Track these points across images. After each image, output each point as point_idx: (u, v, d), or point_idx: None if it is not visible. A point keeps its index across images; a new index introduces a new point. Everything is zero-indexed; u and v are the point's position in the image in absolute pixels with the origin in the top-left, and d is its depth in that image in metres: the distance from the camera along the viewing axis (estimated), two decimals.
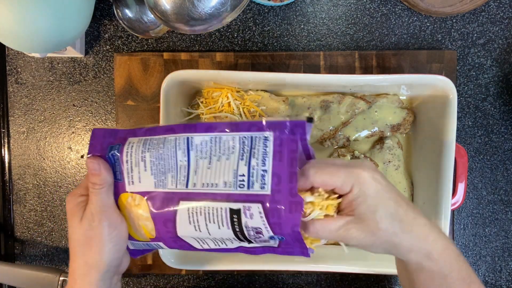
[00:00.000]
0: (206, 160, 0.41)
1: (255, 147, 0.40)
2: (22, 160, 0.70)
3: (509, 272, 0.69)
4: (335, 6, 0.67)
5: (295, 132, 0.40)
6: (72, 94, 0.69)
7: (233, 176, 0.40)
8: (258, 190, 0.39)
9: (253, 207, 0.39)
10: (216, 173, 0.41)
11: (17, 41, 0.53)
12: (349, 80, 0.56)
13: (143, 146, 0.43)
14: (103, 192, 0.43)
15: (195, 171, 0.41)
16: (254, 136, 0.41)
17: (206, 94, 0.61)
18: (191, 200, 0.41)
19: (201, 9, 0.46)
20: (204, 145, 0.42)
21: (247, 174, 0.39)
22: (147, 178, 0.42)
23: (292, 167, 0.39)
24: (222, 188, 0.40)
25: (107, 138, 0.44)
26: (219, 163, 0.41)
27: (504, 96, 0.68)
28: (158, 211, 0.42)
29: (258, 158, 0.40)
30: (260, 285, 0.70)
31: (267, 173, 0.39)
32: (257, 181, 0.39)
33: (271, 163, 0.39)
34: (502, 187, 0.69)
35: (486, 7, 0.67)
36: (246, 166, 0.40)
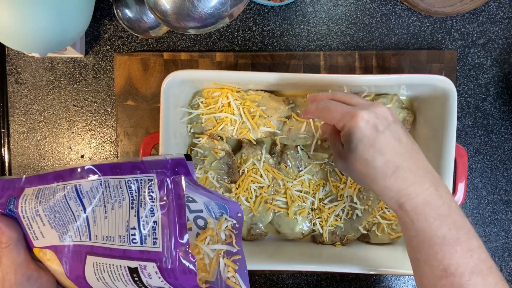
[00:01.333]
0: (102, 208, 0.38)
1: (141, 193, 0.36)
2: (22, 160, 0.70)
3: (509, 272, 0.69)
4: (335, 6, 0.67)
5: (179, 172, 0.36)
6: (72, 94, 0.69)
7: (126, 230, 0.36)
8: (150, 246, 0.35)
9: (148, 266, 0.35)
10: (112, 224, 0.37)
11: (17, 41, 0.53)
12: (349, 80, 0.56)
13: (36, 199, 0.39)
14: (10, 250, 0.39)
15: (94, 221, 0.38)
16: (139, 179, 0.37)
17: (206, 94, 0.61)
18: (95, 254, 0.37)
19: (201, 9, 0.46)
20: (96, 191, 0.38)
21: (138, 227, 0.36)
22: (49, 232, 0.39)
23: (181, 218, 0.35)
24: (118, 243, 0.36)
25: (6, 190, 0.40)
26: (113, 211, 0.37)
27: (504, 96, 0.68)
28: (69, 266, 0.39)
29: (145, 208, 0.36)
30: (260, 285, 0.70)
31: (157, 225, 0.35)
32: (149, 235, 0.35)
33: (160, 213, 0.35)
34: (502, 187, 0.69)
35: (486, 7, 0.67)
36: (136, 217, 0.36)
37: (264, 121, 0.60)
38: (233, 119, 0.60)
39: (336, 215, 0.61)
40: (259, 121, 0.60)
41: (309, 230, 0.62)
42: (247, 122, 0.60)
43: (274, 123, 0.60)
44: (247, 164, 0.60)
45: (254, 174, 0.60)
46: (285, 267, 0.58)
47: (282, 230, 0.62)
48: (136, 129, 0.68)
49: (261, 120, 0.60)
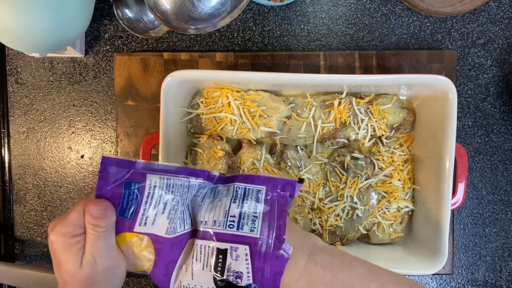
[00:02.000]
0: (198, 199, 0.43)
1: (248, 195, 0.42)
2: (22, 160, 0.70)
3: (509, 272, 0.69)
4: (335, 6, 0.67)
5: (286, 190, 0.42)
6: (72, 94, 0.69)
7: (223, 216, 0.41)
8: (247, 232, 0.40)
9: (240, 249, 0.39)
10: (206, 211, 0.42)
11: (17, 41, 0.53)
12: (349, 80, 0.56)
13: (167, 188, 0.41)
14: (106, 234, 0.39)
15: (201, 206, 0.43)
16: (247, 188, 0.42)
17: (206, 94, 0.61)
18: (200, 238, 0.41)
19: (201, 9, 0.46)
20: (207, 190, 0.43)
21: (238, 216, 0.40)
22: (161, 222, 0.41)
23: (281, 219, 0.40)
24: (210, 227, 0.40)
25: (121, 172, 0.40)
26: (212, 204, 0.42)
27: (504, 96, 0.68)
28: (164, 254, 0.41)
29: (250, 205, 0.41)
30: None
31: (257, 218, 0.40)
32: (247, 224, 0.40)
33: (262, 210, 0.41)
34: (502, 187, 0.69)
35: (486, 7, 0.67)
36: (238, 209, 0.41)
37: (264, 121, 0.60)
38: (233, 119, 0.60)
39: (336, 215, 0.61)
40: (259, 121, 0.60)
41: (309, 230, 0.62)
42: (247, 122, 0.60)
43: (274, 123, 0.60)
44: (247, 164, 0.60)
45: None
46: None
47: None
48: (136, 129, 0.68)
49: (261, 120, 0.60)
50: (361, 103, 0.60)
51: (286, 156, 0.61)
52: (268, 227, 0.40)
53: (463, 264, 0.69)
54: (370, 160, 0.61)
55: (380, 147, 0.62)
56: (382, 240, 0.62)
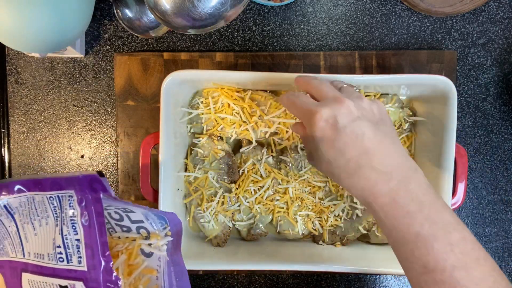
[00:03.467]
0: (30, 225, 0.38)
1: (63, 209, 0.36)
2: (22, 160, 0.70)
3: (509, 272, 0.69)
4: (335, 6, 0.67)
5: (96, 189, 0.36)
6: (72, 94, 0.69)
7: (52, 248, 0.36)
8: (76, 266, 0.36)
9: (77, 285, 0.36)
10: (41, 242, 0.37)
11: (17, 41, 0.53)
12: (349, 80, 0.56)
13: None
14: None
15: (25, 237, 0.38)
16: (60, 196, 0.37)
17: (206, 94, 0.61)
18: (29, 272, 0.37)
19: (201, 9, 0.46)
20: (24, 207, 0.37)
21: (63, 245, 0.36)
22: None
23: (102, 236, 0.35)
24: (47, 261, 0.37)
25: None
26: (41, 228, 0.37)
27: (504, 96, 0.68)
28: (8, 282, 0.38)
29: (68, 225, 0.36)
30: (260, 285, 0.70)
31: (80, 243, 0.36)
32: (74, 254, 0.36)
33: (82, 231, 0.36)
34: (502, 187, 0.69)
35: (486, 7, 0.67)
36: (60, 235, 0.36)
37: (264, 121, 0.60)
38: (233, 119, 0.60)
39: (336, 215, 0.61)
40: (259, 121, 0.60)
41: (308, 230, 0.62)
42: (247, 122, 0.60)
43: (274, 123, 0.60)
44: (247, 164, 0.60)
45: (254, 174, 0.60)
46: (285, 267, 0.58)
47: (282, 230, 0.62)
48: (136, 129, 0.68)
49: (261, 120, 0.60)
50: None
51: (286, 156, 0.61)
52: (92, 253, 0.35)
53: None
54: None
55: None
56: (382, 240, 0.62)
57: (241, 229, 0.63)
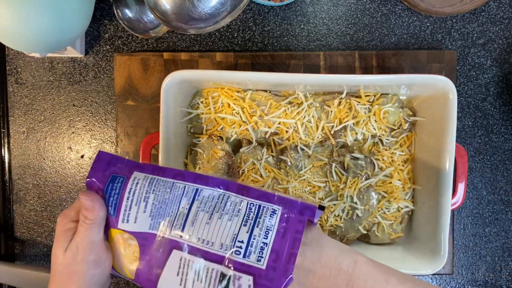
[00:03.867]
0: (207, 214, 0.40)
1: (261, 216, 0.39)
2: (22, 160, 0.70)
3: (509, 272, 0.69)
4: (335, 6, 0.67)
5: (304, 214, 0.39)
6: (72, 94, 0.69)
7: (231, 240, 0.38)
8: (253, 262, 0.37)
9: (243, 278, 0.37)
10: (215, 231, 0.39)
11: (17, 41, 0.53)
12: (349, 80, 0.56)
13: (149, 185, 0.41)
14: (93, 227, 0.40)
15: (192, 222, 0.39)
16: (262, 206, 0.40)
17: (206, 94, 0.61)
18: (184, 251, 0.39)
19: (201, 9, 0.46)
20: (210, 200, 0.40)
21: (247, 242, 0.38)
22: (144, 219, 0.40)
23: (294, 248, 0.37)
24: (217, 249, 0.38)
25: (112, 166, 0.42)
26: (220, 221, 0.39)
27: (504, 96, 0.68)
28: (146, 256, 0.40)
29: (261, 229, 0.38)
30: None
31: (267, 246, 0.38)
32: (255, 252, 0.38)
33: (274, 237, 0.38)
34: (502, 187, 0.69)
35: (486, 7, 0.67)
36: (248, 233, 0.38)
37: (264, 121, 0.60)
38: (233, 119, 0.60)
39: (336, 215, 0.61)
40: (259, 121, 0.60)
41: None
42: (247, 122, 0.60)
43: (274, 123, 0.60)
44: (247, 164, 0.60)
45: (254, 174, 0.60)
46: None
47: None
48: (136, 129, 0.68)
49: (261, 120, 0.60)
50: (361, 103, 0.60)
51: (286, 156, 0.61)
52: (276, 257, 0.37)
53: (463, 264, 0.69)
54: (370, 160, 0.61)
55: (380, 147, 0.62)
56: (382, 240, 0.62)
57: None
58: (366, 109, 0.61)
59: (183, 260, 0.38)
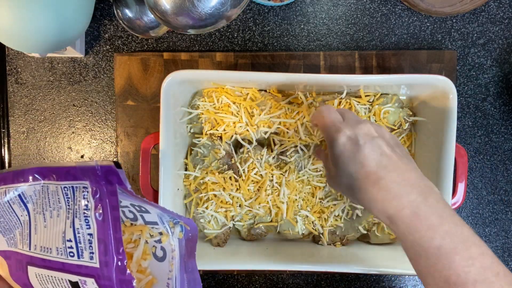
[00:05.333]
0: (41, 216, 0.36)
1: (76, 202, 0.34)
2: (22, 160, 0.70)
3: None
4: (335, 6, 0.67)
5: (112, 182, 0.34)
6: (72, 94, 0.69)
7: (62, 242, 0.34)
8: (88, 261, 0.34)
9: (88, 282, 0.34)
10: (50, 235, 0.35)
11: (17, 41, 0.53)
12: (349, 80, 0.56)
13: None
14: None
15: (35, 229, 0.36)
16: (74, 186, 0.35)
17: (206, 94, 0.61)
18: (35, 265, 0.36)
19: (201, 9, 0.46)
20: (38, 196, 0.36)
21: (74, 240, 0.34)
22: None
23: (117, 232, 0.33)
24: (55, 256, 0.35)
25: None
26: (52, 220, 0.35)
27: (504, 96, 0.68)
28: (14, 274, 0.37)
29: (81, 218, 0.34)
30: (260, 285, 0.70)
31: (93, 238, 0.33)
32: (86, 249, 0.34)
33: (95, 225, 0.34)
34: (502, 187, 0.69)
35: (486, 7, 0.67)
36: (71, 228, 0.34)
37: (264, 121, 0.60)
38: (233, 119, 0.60)
39: (336, 215, 0.61)
40: (260, 121, 0.60)
41: (308, 230, 0.62)
42: (247, 122, 0.60)
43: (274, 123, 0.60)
44: (247, 164, 0.60)
45: (254, 174, 0.60)
46: (285, 267, 0.58)
47: (282, 230, 0.62)
48: (136, 129, 0.68)
49: (261, 120, 0.60)
50: (361, 103, 0.60)
51: (286, 157, 0.61)
52: (105, 249, 0.33)
53: None
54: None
55: None
56: (382, 240, 0.62)
57: (241, 229, 0.63)
58: (366, 109, 0.61)
59: (38, 275, 0.36)
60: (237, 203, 0.61)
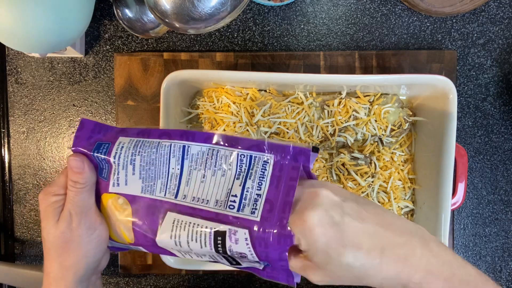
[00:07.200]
0: (200, 173, 0.39)
1: (253, 167, 0.38)
2: (22, 160, 0.70)
3: (509, 272, 0.69)
4: (335, 6, 0.67)
5: (298, 160, 0.38)
6: (72, 94, 0.69)
7: (225, 195, 0.38)
8: (247, 215, 0.36)
9: (239, 232, 0.36)
10: (210, 188, 0.38)
11: (17, 41, 0.53)
12: (349, 80, 0.56)
13: (134, 148, 0.40)
14: (85, 191, 0.40)
15: (187, 181, 0.39)
16: (253, 156, 0.39)
17: (206, 94, 0.61)
18: (178, 212, 0.38)
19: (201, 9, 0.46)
20: (201, 156, 0.39)
21: (240, 196, 0.37)
22: (134, 182, 0.40)
23: (288, 196, 0.36)
24: (212, 207, 0.38)
25: (96, 133, 0.41)
26: (214, 178, 0.39)
27: (504, 96, 0.68)
28: (140, 218, 0.39)
29: (254, 181, 0.38)
30: (260, 285, 0.70)
31: (260, 197, 0.37)
32: (249, 205, 0.37)
33: (267, 188, 0.37)
34: (502, 187, 0.69)
35: (486, 7, 0.67)
36: (241, 186, 0.37)
37: (264, 121, 0.60)
38: (233, 119, 0.60)
39: None
40: (259, 121, 0.60)
41: None
42: (247, 122, 0.60)
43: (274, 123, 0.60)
44: None
45: None
46: None
47: None
48: None
49: (261, 120, 0.60)
50: (361, 103, 0.60)
51: None
52: (271, 208, 0.36)
53: None
54: (370, 160, 0.61)
55: (380, 147, 0.62)
56: None
57: None
58: (366, 109, 0.61)
59: (177, 221, 0.38)
60: None
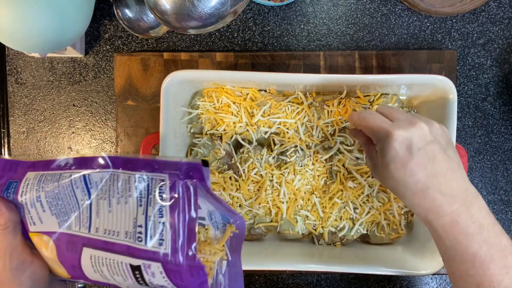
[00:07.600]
0: (106, 202, 0.37)
1: (151, 192, 0.36)
2: None
3: None
4: (335, 6, 0.67)
5: (192, 176, 0.36)
6: (72, 94, 0.69)
7: (133, 226, 0.36)
8: (156, 247, 0.35)
9: (153, 266, 0.35)
10: (117, 219, 0.37)
11: (17, 41, 0.53)
12: (349, 80, 0.56)
13: (38, 184, 0.38)
14: (7, 232, 0.39)
15: (97, 213, 0.37)
16: (150, 178, 0.36)
17: (206, 94, 0.61)
18: (93, 247, 0.37)
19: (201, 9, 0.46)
20: (104, 183, 0.37)
21: (145, 226, 0.35)
22: (48, 219, 0.38)
23: (191, 222, 0.35)
24: (123, 239, 0.36)
25: (8, 171, 0.40)
26: (120, 206, 0.37)
27: (504, 96, 0.68)
28: (63, 254, 0.38)
29: (154, 208, 0.35)
30: (260, 285, 0.70)
31: (165, 226, 0.35)
32: (155, 235, 0.35)
33: (169, 214, 0.35)
34: (502, 187, 0.69)
35: (486, 7, 0.67)
36: (144, 215, 0.36)
37: (264, 121, 0.60)
38: (233, 119, 0.60)
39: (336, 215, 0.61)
40: (259, 121, 0.60)
41: (308, 230, 0.62)
42: (247, 122, 0.60)
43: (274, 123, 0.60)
44: (247, 164, 0.60)
45: (254, 174, 0.60)
46: (285, 267, 0.58)
47: (282, 230, 0.62)
48: (136, 129, 0.68)
49: (261, 120, 0.60)
50: (361, 103, 0.60)
51: (286, 157, 0.61)
52: (177, 237, 0.34)
53: None
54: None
55: None
56: (382, 240, 0.62)
57: None
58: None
59: (94, 257, 0.37)
60: (237, 203, 0.61)
